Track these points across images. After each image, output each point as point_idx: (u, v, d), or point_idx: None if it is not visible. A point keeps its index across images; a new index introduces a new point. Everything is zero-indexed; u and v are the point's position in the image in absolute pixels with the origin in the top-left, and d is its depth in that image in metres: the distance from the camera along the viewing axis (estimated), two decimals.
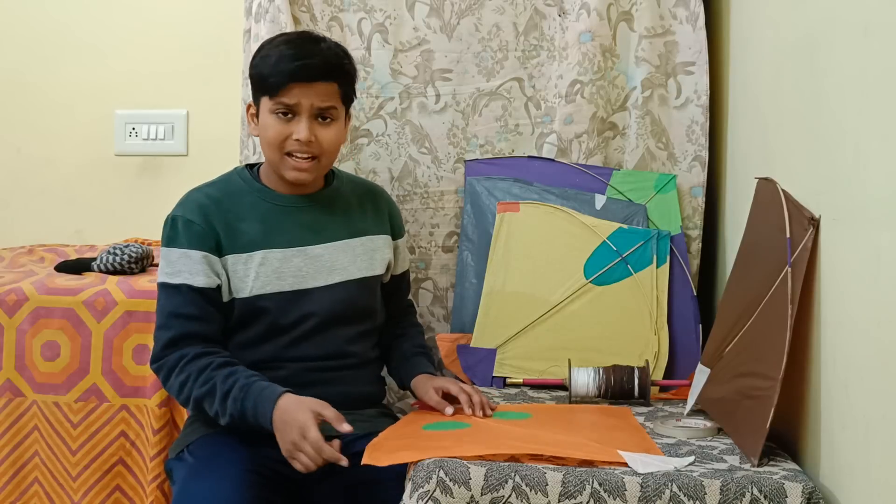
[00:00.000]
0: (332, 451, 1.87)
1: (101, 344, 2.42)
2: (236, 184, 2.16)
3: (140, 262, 2.60)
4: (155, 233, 3.06)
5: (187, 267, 2.04)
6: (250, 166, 2.22)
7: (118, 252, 2.60)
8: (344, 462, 1.87)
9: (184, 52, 3.21)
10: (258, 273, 2.08)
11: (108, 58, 3.25)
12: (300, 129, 2.07)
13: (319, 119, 2.09)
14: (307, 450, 1.88)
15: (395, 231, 2.29)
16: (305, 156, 2.09)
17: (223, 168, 2.72)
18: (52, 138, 3.29)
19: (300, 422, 1.90)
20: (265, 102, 2.09)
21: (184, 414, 2.39)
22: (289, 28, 2.50)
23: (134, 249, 2.60)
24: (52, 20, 3.27)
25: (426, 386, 2.11)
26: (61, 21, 3.27)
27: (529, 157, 2.55)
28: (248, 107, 2.18)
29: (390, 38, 2.57)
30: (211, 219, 2.08)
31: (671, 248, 2.44)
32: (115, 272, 2.58)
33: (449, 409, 2.03)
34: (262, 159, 2.27)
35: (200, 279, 2.04)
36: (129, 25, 3.24)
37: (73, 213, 3.27)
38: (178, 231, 2.07)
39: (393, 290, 2.31)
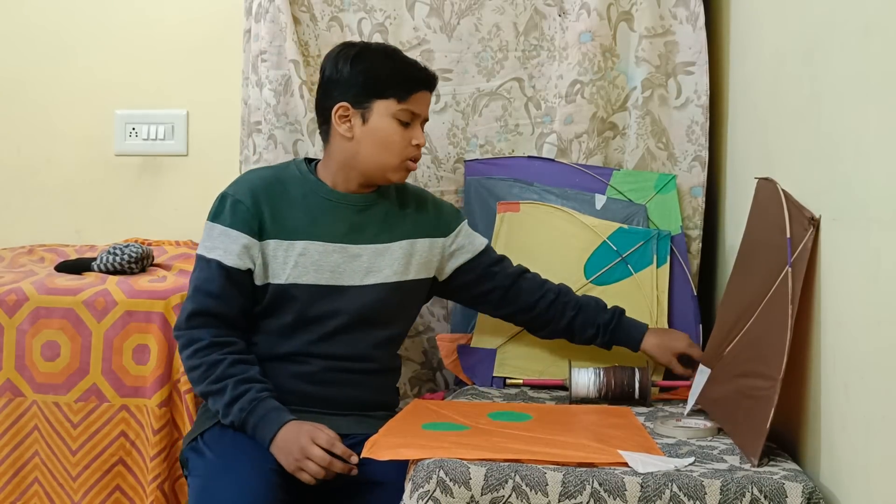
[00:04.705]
0: (344, 448, 1.95)
1: (101, 344, 2.42)
2: (292, 172, 2.19)
3: (140, 262, 2.59)
4: (155, 233, 3.08)
5: (224, 245, 2.09)
6: (308, 160, 2.23)
7: (118, 252, 2.60)
8: (355, 459, 1.95)
9: (184, 52, 3.21)
10: (297, 262, 2.11)
11: (108, 58, 3.25)
12: (419, 135, 2.14)
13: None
14: (316, 453, 1.93)
15: (444, 227, 2.26)
16: (416, 160, 2.16)
17: (223, 168, 2.73)
18: (52, 138, 3.29)
19: (308, 430, 1.97)
20: (386, 106, 2.10)
21: (184, 414, 2.39)
22: (289, 28, 2.51)
23: (134, 249, 2.60)
24: (53, 20, 3.27)
25: (666, 353, 2.26)
26: (61, 21, 3.27)
27: (529, 157, 2.55)
28: (338, 108, 2.12)
29: (390, 38, 2.57)
30: (259, 201, 2.11)
31: (671, 248, 2.44)
32: (115, 272, 2.58)
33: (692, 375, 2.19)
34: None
35: (232, 259, 2.08)
36: (129, 25, 3.24)
37: (73, 213, 3.27)
38: (224, 208, 2.11)
39: (473, 276, 2.27)
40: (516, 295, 2.28)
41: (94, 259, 2.63)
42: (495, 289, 2.28)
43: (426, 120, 2.19)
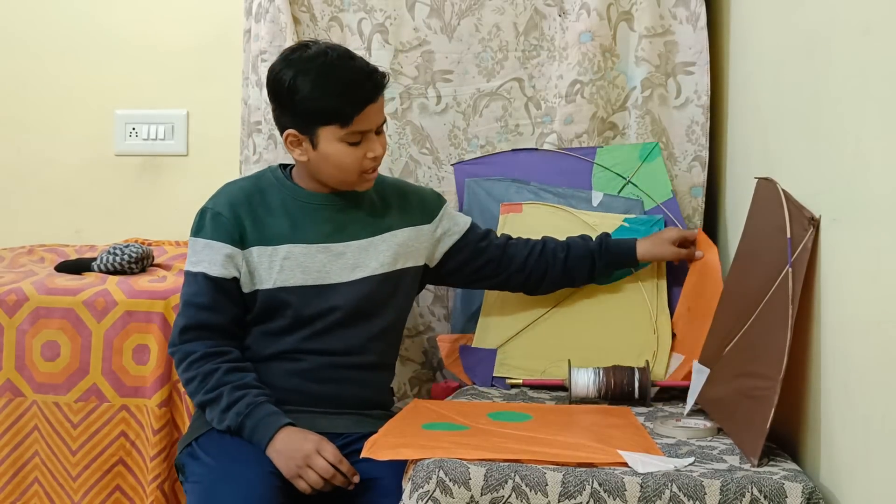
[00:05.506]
0: (350, 466, 1.96)
1: (101, 344, 2.42)
2: (268, 180, 2.19)
3: (140, 262, 2.59)
4: (155, 233, 3.08)
5: (208, 257, 2.10)
6: (283, 166, 2.23)
7: (118, 252, 2.60)
8: (356, 479, 1.97)
9: (184, 52, 3.20)
10: (282, 266, 2.11)
11: (108, 58, 3.25)
12: (375, 147, 2.10)
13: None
14: (320, 464, 1.95)
15: (427, 214, 2.26)
16: (375, 168, 2.14)
17: (223, 168, 2.73)
18: (52, 138, 3.29)
19: (314, 439, 1.98)
20: (331, 131, 2.06)
21: (184, 414, 2.39)
22: (289, 28, 2.50)
23: (134, 249, 2.60)
24: (52, 20, 3.27)
25: (664, 245, 2.32)
26: (61, 21, 3.27)
27: (513, 150, 2.55)
28: (287, 135, 2.10)
29: (390, 38, 2.57)
30: (239, 211, 2.12)
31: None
32: (115, 272, 2.58)
33: (699, 253, 2.34)
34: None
35: (217, 269, 2.09)
36: (130, 25, 3.24)
37: (73, 213, 3.27)
38: (205, 222, 2.13)
39: (466, 255, 2.28)
40: (509, 260, 2.30)
41: (94, 259, 2.63)
42: (489, 262, 2.30)
43: (384, 123, 2.13)
